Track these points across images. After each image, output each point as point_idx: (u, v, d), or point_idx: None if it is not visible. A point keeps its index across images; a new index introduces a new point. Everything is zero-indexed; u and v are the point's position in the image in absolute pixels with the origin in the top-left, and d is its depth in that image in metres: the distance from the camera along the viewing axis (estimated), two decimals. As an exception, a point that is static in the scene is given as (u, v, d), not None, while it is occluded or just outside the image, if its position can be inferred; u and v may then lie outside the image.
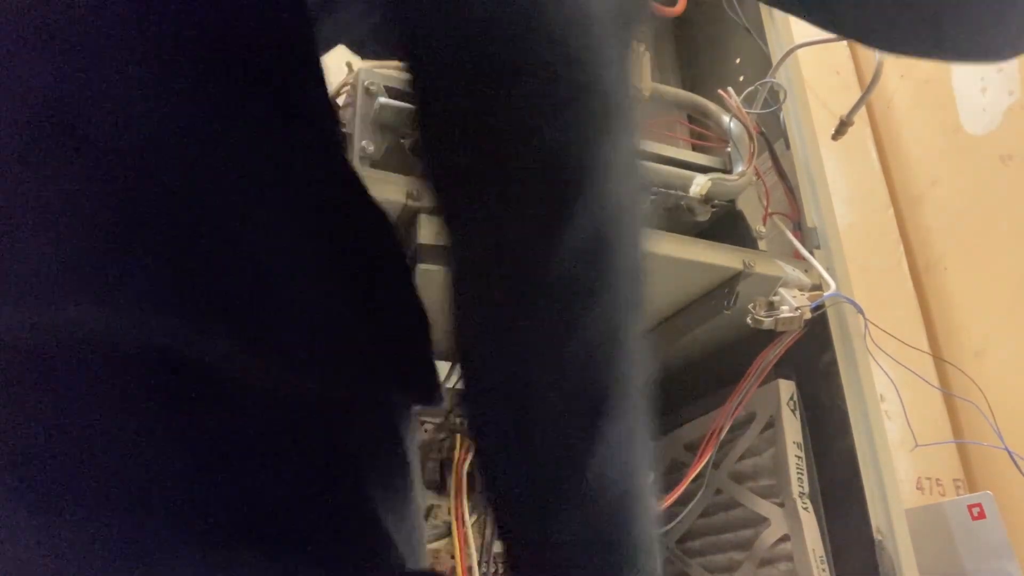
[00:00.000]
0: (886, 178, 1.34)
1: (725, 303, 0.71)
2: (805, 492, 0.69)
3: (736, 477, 0.77)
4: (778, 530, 0.70)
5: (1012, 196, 1.14)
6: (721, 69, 0.93)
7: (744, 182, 0.75)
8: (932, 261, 1.26)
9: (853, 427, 0.67)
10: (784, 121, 0.80)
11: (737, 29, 0.90)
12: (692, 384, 0.85)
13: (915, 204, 1.30)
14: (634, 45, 0.24)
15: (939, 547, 0.79)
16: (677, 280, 0.72)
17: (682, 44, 1.06)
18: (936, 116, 1.28)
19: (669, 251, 0.66)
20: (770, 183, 0.80)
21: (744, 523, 0.75)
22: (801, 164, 0.78)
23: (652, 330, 0.83)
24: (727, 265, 0.68)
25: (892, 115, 1.36)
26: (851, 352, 0.70)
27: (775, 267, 0.70)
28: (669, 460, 0.86)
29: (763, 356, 0.70)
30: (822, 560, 0.67)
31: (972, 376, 1.07)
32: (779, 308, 0.66)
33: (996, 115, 1.18)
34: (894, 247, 1.29)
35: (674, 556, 0.84)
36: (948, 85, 1.26)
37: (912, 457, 1.08)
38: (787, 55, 0.79)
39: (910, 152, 1.32)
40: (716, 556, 0.78)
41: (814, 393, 0.72)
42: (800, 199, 0.77)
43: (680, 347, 0.81)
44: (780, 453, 0.71)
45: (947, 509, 0.80)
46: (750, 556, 0.73)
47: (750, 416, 0.76)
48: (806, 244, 0.75)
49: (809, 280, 0.70)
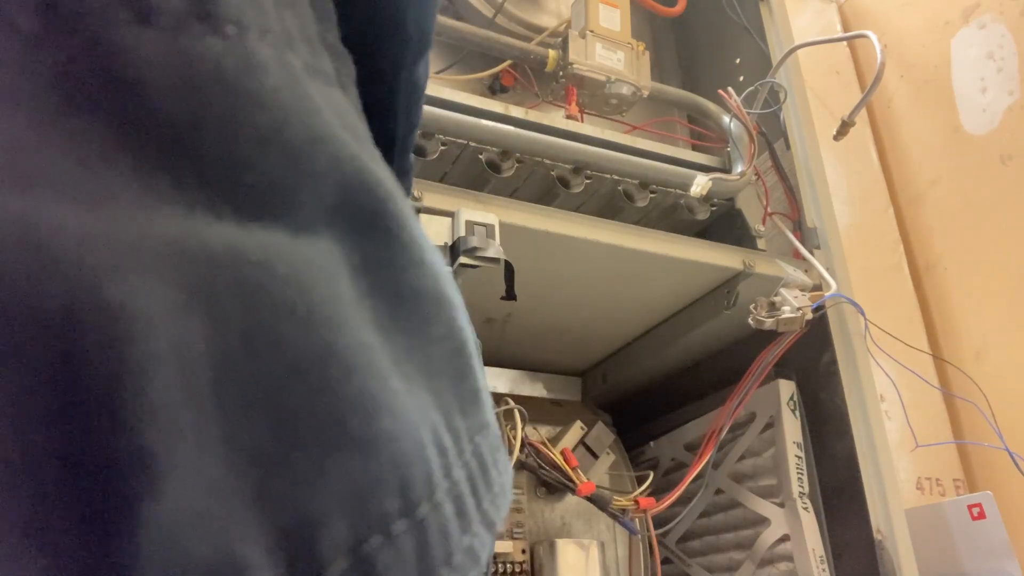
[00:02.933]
0: (886, 178, 1.34)
1: (725, 303, 0.71)
2: (805, 492, 0.69)
3: (736, 477, 0.77)
4: (778, 530, 0.70)
5: (1012, 196, 1.14)
6: (721, 69, 0.94)
7: (744, 182, 0.75)
8: (932, 261, 1.26)
9: (853, 427, 0.67)
10: (784, 121, 0.80)
11: (737, 29, 0.90)
12: (692, 384, 0.85)
13: (915, 204, 1.30)
14: (635, 45, 0.23)
15: (939, 547, 0.79)
16: (677, 280, 0.72)
17: (682, 44, 1.06)
18: (936, 116, 1.28)
19: (669, 251, 0.66)
20: (770, 183, 0.80)
21: (744, 523, 0.75)
22: (801, 164, 0.78)
23: (652, 330, 0.84)
24: (727, 265, 0.68)
25: (892, 115, 1.36)
26: (851, 352, 0.70)
27: (776, 267, 0.70)
28: (669, 460, 0.86)
29: (763, 356, 0.70)
30: (822, 560, 0.67)
31: (972, 376, 1.07)
32: (781, 308, 0.66)
33: (996, 115, 1.18)
34: (894, 247, 1.29)
35: (674, 556, 0.84)
36: (948, 85, 1.26)
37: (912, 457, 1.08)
38: (787, 55, 0.79)
39: (910, 152, 1.32)
40: (716, 556, 0.78)
41: (814, 393, 0.72)
42: (800, 199, 0.77)
43: (680, 347, 0.81)
44: (780, 453, 0.71)
45: (947, 509, 0.80)
46: (750, 556, 0.73)
47: (750, 416, 0.76)
48: (806, 244, 0.75)
49: (810, 280, 0.70)
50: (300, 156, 0.17)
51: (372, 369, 0.17)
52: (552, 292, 0.72)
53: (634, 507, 0.68)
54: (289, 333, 0.16)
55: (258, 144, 0.16)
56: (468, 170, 0.69)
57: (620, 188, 0.74)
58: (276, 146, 0.16)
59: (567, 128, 0.72)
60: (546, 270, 0.67)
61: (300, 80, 0.18)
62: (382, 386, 0.17)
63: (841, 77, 1.37)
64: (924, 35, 1.31)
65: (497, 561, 0.69)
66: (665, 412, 0.88)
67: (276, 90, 0.17)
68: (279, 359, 0.15)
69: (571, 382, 0.96)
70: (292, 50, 0.18)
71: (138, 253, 0.14)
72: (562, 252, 0.64)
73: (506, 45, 0.76)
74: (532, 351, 0.88)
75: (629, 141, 0.75)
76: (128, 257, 0.13)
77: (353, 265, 0.18)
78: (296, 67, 0.18)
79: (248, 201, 0.16)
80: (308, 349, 0.16)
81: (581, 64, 0.74)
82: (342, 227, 0.18)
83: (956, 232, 1.23)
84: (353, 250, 0.18)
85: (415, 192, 0.55)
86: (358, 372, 0.17)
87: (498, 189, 0.69)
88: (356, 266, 0.18)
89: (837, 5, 1.45)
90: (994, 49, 1.19)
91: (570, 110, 0.77)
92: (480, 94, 0.76)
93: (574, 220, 0.63)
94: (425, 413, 0.19)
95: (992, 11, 1.21)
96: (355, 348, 0.17)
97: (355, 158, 0.18)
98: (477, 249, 0.53)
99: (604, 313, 0.79)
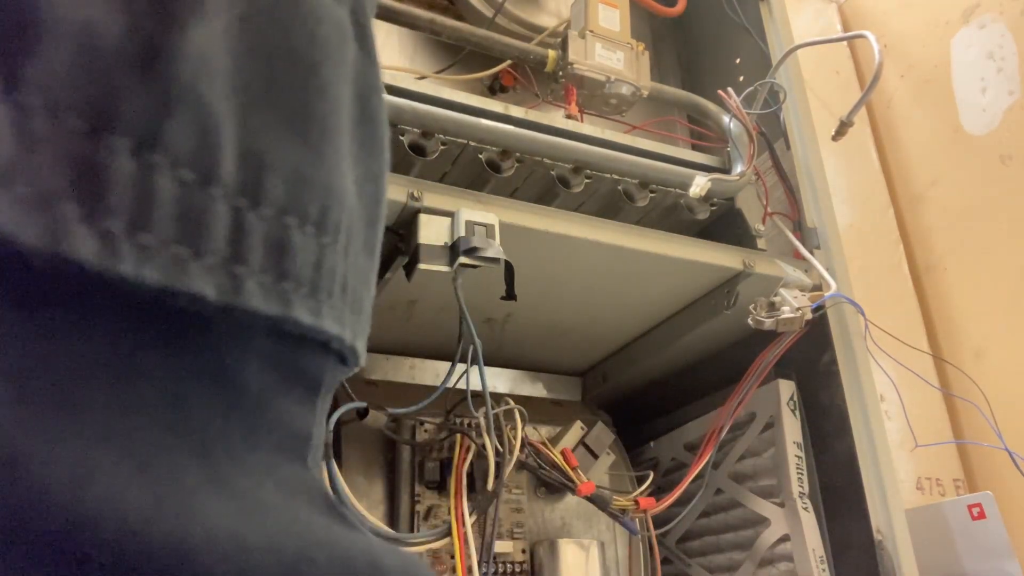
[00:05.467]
0: (886, 178, 1.34)
1: (725, 303, 0.71)
2: (805, 492, 0.69)
3: (736, 477, 0.77)
4: (778, 530, 0.70)
5: (1012, 196, 1.14)
6: (721, 69, 0.94)
7: (744, 182, 0.75)
8: (932, 261, 1.26)
9: (853, 427, 0.67)
10: (784, 121, 0.80)
11: (737, 29, 0.90)
12: (692, 384, 0.85)
13: (915, 204, 1.30)
14: (635, 45, 0.23)
15: (939, 547, 0.79)
16: (677, 280, 0.72)
17: (682, 44, 1.06)
18: (936, 116, 1.28)
19: (669, 251, 0.66)
20: (770, 183, 0.80)
21: (744, 523, 0.75)
22: (801, 164, 0.78)
23: (652, 330, 0.84)
24: (727, 265, 0.68)
25: (892, 115, 1.36)
26: (851, 352, 0.70)
27: (776, 267, 0.70)
28: (669, 460, 0.86)
29: (763, 356, 0.70)
30: (822, 560, 0.67)
31: (972, 376, 1.07)
32: (780, 308, 0.66)
33: (996, 115, 1.18)
34: (894, 247, 1.29)
35: (674, 556, 0.84)
36: (948, 85, 1.26)
37: (912, 457, 1.08)
38: (787, 55, 0.79)
39: (910, 152, 1.32)
40: (716, 556, 0.78)
41: (814, 393, 0.72)
42: (800, 199, 0.77)
43: (680, 347, 0.81)
44: (780, 453, 0.71)
45: (947, 509, 0.80)
46: (750, 556, 0.73)
47: (750, 416, 0.76)
48: (806, 244, 0.75)
49: (810, 280, 0.70)
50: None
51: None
52: (552, 292, 0.72)
53: (634, 507, 0.68)
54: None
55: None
56: (468, 170, 0.69)
57: (620, 188, 0.74)
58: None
59: (567, 128, 0.72)
60: (546, 270, 0.67)
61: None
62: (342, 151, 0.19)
63: (841, 77, 1.37)
64: (924, 35, 1.31)
65: (497, 561, 0.69)
66: (665, 412, 0.88)
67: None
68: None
69: (571, 382, 0.96)
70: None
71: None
72: (562, 252, 0.64)
73: (506, 45, 0.76)
74: (532, 351, 0.88)
75: (629, 141, 0.75)
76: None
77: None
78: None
79: None
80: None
81: (581, 64, 0.74)
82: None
83: (956, 232, 1.23)
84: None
85: (415, 192, 0.55)
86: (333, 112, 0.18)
87: (498, 189, 0.69)
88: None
89: (837, 5, 1.45)
90: (994, 49, 1.19)
91: (570, 110, 0.77)
92: (480, 94, 0.76)
93: (574, 220, 0.63)
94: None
95: (992, 11, 1.21)
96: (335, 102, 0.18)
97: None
98: (477, 249, 0.53)
99: (604, 313, 0.79)
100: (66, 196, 0.13)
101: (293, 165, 0.17)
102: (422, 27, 0.72)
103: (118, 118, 0.14)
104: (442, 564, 0.66)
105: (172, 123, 0.14)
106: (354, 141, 0.20)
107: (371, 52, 0.21)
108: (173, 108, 0.14)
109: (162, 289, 0.14)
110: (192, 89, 0.15)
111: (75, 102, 0.13)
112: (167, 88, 0.14)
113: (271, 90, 0.17)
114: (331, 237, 0.18)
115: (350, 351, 0.19)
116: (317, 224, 0.17)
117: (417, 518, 0.67)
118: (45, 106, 0.13)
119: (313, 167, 0.17)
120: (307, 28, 0.18)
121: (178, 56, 0.15)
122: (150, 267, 0.14)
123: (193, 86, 0.15)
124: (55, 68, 0.13)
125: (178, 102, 0.15)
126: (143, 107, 0.14)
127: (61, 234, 0.13)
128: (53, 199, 0.13)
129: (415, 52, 0.90)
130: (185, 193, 0.15)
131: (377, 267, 0.22)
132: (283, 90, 0.17)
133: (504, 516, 0.71)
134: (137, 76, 0.14)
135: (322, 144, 0.18)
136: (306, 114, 0.18)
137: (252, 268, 0.16)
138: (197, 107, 0.15)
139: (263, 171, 0.16)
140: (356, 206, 0.19)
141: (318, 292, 0.17)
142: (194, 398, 0.16)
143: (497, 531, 0.65)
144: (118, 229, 0.14)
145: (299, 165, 0.17)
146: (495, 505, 0.61)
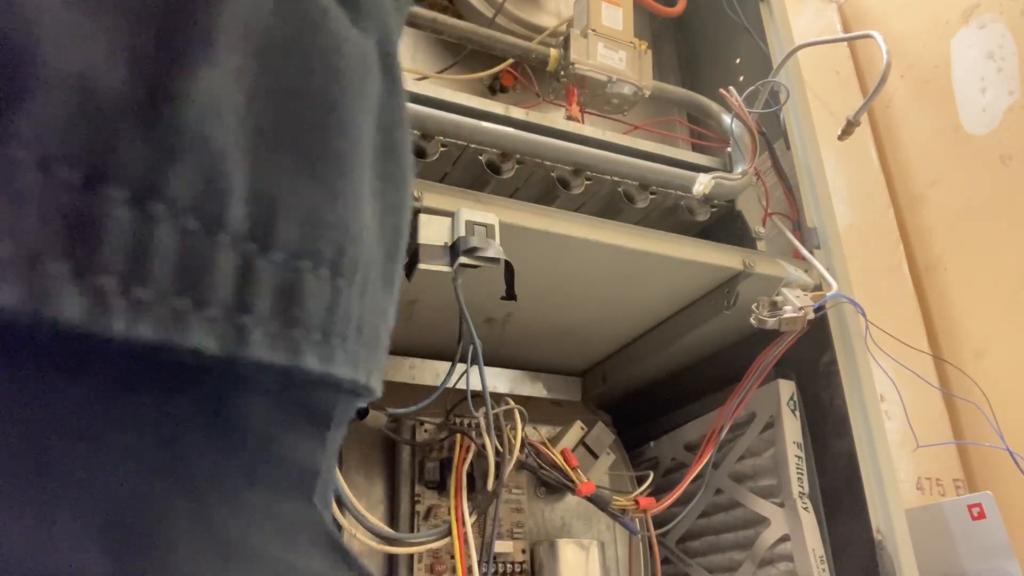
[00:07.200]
0: (886, 178, 1.34)
1: (725, 303, 0.71)
2: (805, 492, 0.69)
3: (736, 477, 0.77)
4: (778, 530, 0.70)
5: (1012, 196, 1.14)
6: (721, 69, 0.93)
7: (745, 182, 0.75)
8: (932, 261, 1.26)
9: (853, 427, 0.67)
10: (784, 121, 0.80)
11: (737, 29, 0.90)
12: (692, 384, 0.85)
13: (915, 204, 1.30)
14: (638, 44, 0.23)
15: (939, 547, 0.79)
16: (677, 280, 0.72)
17: (682, 44, 1.06)
18: (936, 116, 1.28)
19: (669, 251, 0.66)
20: (770, 183, 0.80)
21: (744, 523, 0.75)
22: (801, 164, 0.78)
23: (652, 330, 0.84)
24: (727, 265, 0.68)
25: (892, 115, 1.36)
26: (851, 352, 0.70)
27: (776, 267, 0.70)
28: (669, 460, 0.86)
29: (763, 356, 0.70)
30: (822, 560, 0.67)
31: (972, 376, 1.07)
32: (783, 308, 0.66)
33: (996, 115, 1.18)
34: (894, 247, 1.29)
35: (674, 556, 0.84)
36: (948, 85, 1.26)
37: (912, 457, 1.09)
38: (790, 55, 0.79)
39: (910, 152, 1.32)
40: (716, 556, 0.78)
41: (814, 393, 0.72)
42: (800, 199, 0.77)
43: (680, 347, 0.81)
44: (780, 453, 0.71)
45: (947, 509, 0.80)
46: (750, 556, 0.73)
47: (750, 416, 0.76)
48: (806, 244, 0.75)
49: (811, 280, 0.70)
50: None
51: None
52: (552, 292, 0.72)
53: (634, 507, 0.68)
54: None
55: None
56: (468, 171, 0.69)
57: (620, 189, 0.74)
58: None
59: (567, 130, 0.72)
60: (546, 270, 0.67)
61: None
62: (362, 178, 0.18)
63: (841, 77, 1.37)
64: (924, 35, 1.31)
65: (497, 561, 0.69)
66: (665, 412, 0.88)
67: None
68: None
69: (571, 382, 0.96)
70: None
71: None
72: (562, 252, 0.64)
73: (508, 44, 0.76)
74: (532, 351, 0.88)
75: (629, 143, 0.75)
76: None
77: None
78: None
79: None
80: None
81: (583, 63, 0.74)
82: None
83: (956, 232, 1.23)
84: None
85: (415, 192, 0.55)
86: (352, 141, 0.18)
87: (498, 190, 0.69)
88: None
89: (837, 5, 1.45)
90: (994, 49, 1.19)
91: (571, 110, 0.77)
92: (480, 94, 0.76)
93: (574, 220, 0.63)
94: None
95: (992, 11, 1.21)
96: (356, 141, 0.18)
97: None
98: (477, 249, 0.53)
99: (604, 313, 0.79)
100: (54, 253, 0.13)
101: (308, 206, 0.16)
102: (424, 26, 0.72)
103: (115, 167, 0.13)
104: (442, 564, 0.66)
105: (175, 169, 0.14)
106: (375, 175, 0.19)
107: (397, 81, 0.20)
108: (176, 154, 0.14)
109: (158, 345, 0.14)
110: (198, 133, 0.14)
111: (68, 153, 0.13)
112: (170, 133, 0.14)
113: (287, 129, 0.16)
114: (347, 278, 0.17)
115: (364, 389, 0.19)
116: (332, 265, 0.17)
117: (417, 518, 0.67)
118: (35, 159, 0.13)
119: (329, 207, 0.17)
120: (327, 63, 0.17)
121: (184, 99, 0.14)
122: (145, 323, 0.13)
123: (199, 130, 0.14)
124: (47, 119, 0.13)
125: (182, 147, 0.14)
126: (143, 154, 0.14)
127: (45, 295, 0.12)
128: (39, 257, 0.12)
129: (415, 52, 0.90)
130: (187, 242, 0.14)
131: (397, 298, 0.21)
132: (300, 128, 0.17)
133: (504, 516, 0.71)
134: (137, 122, 0.14)
135: (339, 182, 0.17)
136: (323, 152, 0.17)
137: (259, 316, 0.15)
138: (203, 151, 0.14)
139: (275, 214, 0.16)
140: (375, 242, 0.19)
141: (331, 337, 0.17)
142: (188, 439, 0.15)
143: (497, 531, 0.64)
144: (111, 285, 0.13)
145: (314, 205, 0.17)
146: (495, 505, 0.61)
